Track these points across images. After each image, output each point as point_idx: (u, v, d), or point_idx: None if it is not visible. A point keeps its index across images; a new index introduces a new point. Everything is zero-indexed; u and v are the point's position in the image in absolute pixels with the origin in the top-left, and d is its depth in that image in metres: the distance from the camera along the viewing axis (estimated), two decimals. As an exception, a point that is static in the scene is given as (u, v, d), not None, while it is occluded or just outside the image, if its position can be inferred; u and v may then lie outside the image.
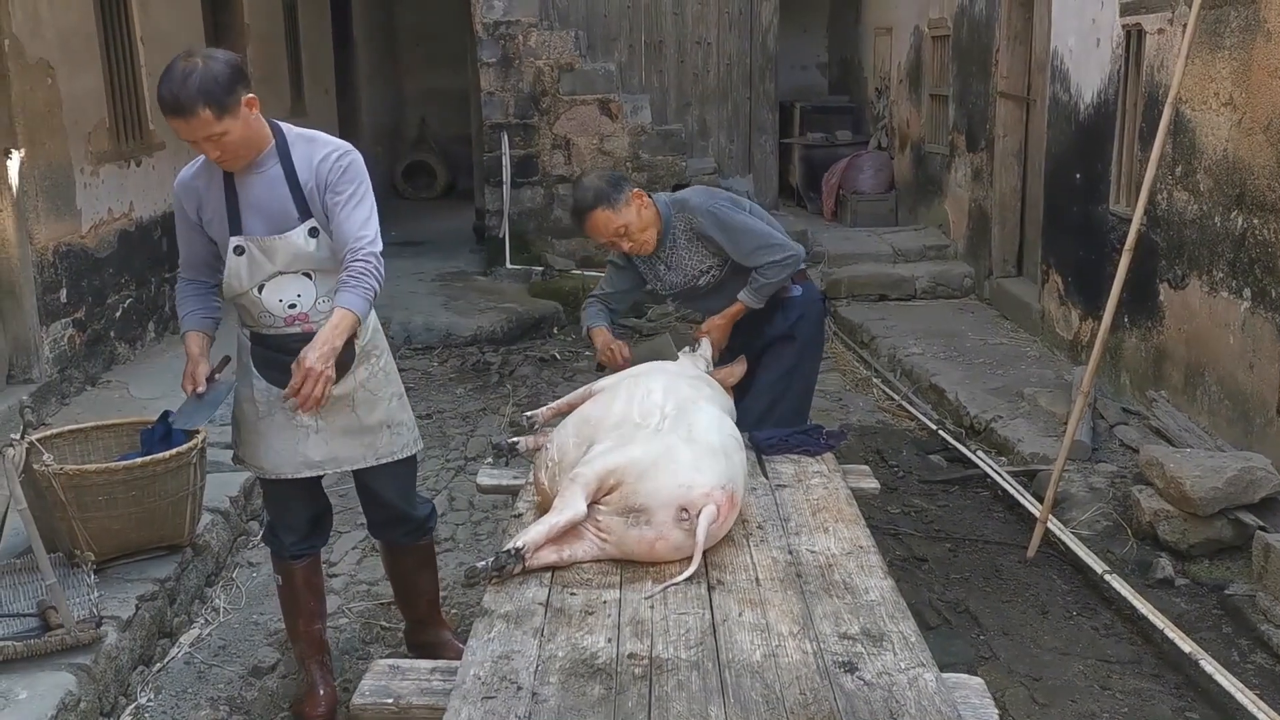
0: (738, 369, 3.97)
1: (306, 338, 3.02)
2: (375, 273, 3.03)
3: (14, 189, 5.39)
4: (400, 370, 7.65)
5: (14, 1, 5.40)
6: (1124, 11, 5.92)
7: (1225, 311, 4.98)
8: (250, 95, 2.99)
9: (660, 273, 4.17)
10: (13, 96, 5.36)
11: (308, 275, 3.15)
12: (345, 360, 3.13)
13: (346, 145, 3.19)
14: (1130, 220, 4.88)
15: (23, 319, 5.54)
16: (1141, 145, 5.74)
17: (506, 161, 9.38)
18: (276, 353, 3.20)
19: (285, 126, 3.22)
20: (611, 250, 4.18)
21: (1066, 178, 6.83)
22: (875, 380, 7.11)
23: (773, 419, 4.05)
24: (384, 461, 3.40)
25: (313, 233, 3.11)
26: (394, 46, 14.91)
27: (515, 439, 3.72)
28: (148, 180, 7.01)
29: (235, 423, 3.43)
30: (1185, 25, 4.94)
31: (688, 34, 10.80)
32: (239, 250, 3.12)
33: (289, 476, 3.32)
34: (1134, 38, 5.88)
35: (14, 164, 5.38)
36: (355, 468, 3.39)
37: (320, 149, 3.13)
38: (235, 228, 3.13)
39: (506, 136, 9.40)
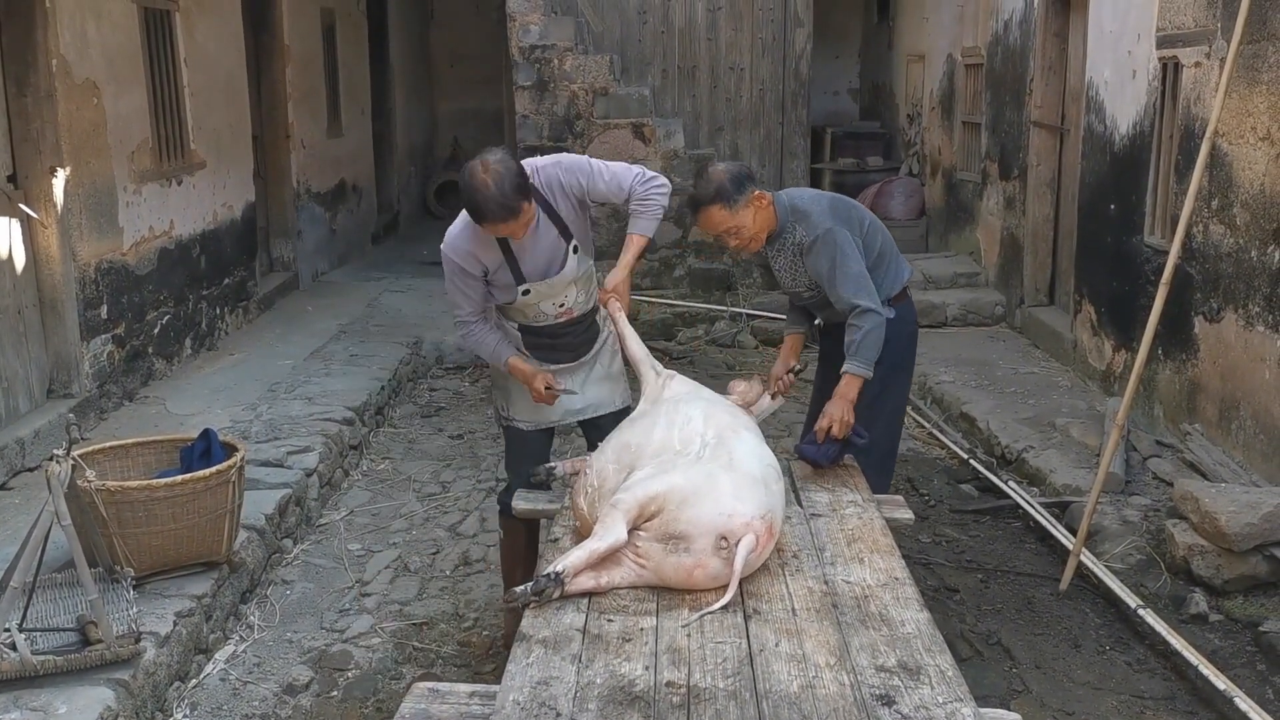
0: (755, 387, 3.99)
1: (570, 323, 3.88)
2: (656, 197, 3.72)
3: (59, 207, 5.48)
4: (431, 390, 7.76)
5: (62, 23, 5.50)
6: (1160, 44, 5.93)
7: (1261, 346, 4.96)
8: (527, 204, 3.49)
9: (774, 266, 4.11)
10: (59, 116, 5.45)
11: (574, 283, 3.80)
12: (590, 338, 3.94)
13: (534, 159, 3.76)
14: (1165, 252, 4.88)
15: (64, 334, 5.62)
16: (1177, 177, 5.73)
17: (540, 184, 9.44)
18: (546, 338, 3.90)
19: (527, 170, 3.60)
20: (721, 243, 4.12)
21: (1101, 208, 6.82)
22: (906, 407, 7.10)
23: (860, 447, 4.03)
24: (620, 407, 3.99)
25: (575, 249, 3.75)
26: (429, 68, 15.05)
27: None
28: (188, 199, 7.10)
29: (504, 389, 4.02)
30: (1223, 59, 4.95)
31: (721, 59, 10.86)
32: (526, 291, 3.74)
33: (555, 423, 3.96)
34: (1170, 70, 5.88)
35: (59, 182, 5.47)
36: (608, 411, 3.97)
37: (555, 171, 3.71)
38: (519, 279, 3.73)
39: (540, 159, 9.45)
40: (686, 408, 3.24)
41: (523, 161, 3.73)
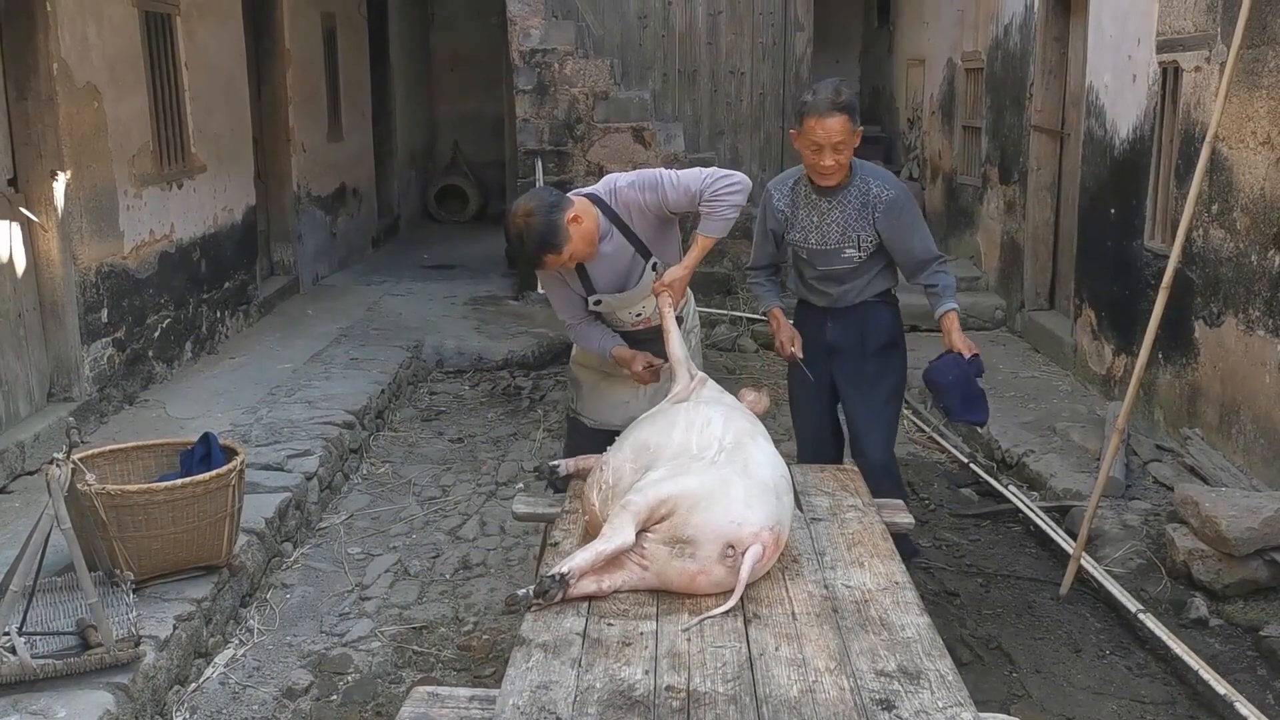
0: (764, 399, 3.98)
1: (646, 330, 3.95)
2: (727, 199, 3.67)
3: (59, 210, 5.48)
4: (431, 394, 7.75)
5: (63, 26, 5.51)
6: (1160, 49, 5.93)
7: (1261, 350, 4.96)
8: (573, 216, 3.60)
9: (813, 223, 4.06)
10: (60, 120, 5.45)
11: (652, 295, 3.87)
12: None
13: (615, 176, 3.86)
14: (1165, 256, 4.88)
15: (65, 338, 5.62)
16: (1177, 182, 5.73)
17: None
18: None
19: (605, 190, 3.81)
20: (808, 162, 3.97)
21: (1101, 212, 6.82)
22: (906, 411, 7.10)
23: (888, 433, 4.24)
24: None
25: (654, 266, 3.83)
26: (429, 72, 15.08)
27: (556, 461, 3.77)
28: (189, 202, 7.11)
29: (576, 384, 4.21)
30: (1223, 64, 4.95)
31: (721, 63, 10.89)
32: (597, 302, 3.89)
33: (618, 427, 3.81)
34: (1170, 75, 5.89)
35: (60, 186, 5.47)
36: None
37: (632, 192, 3.76)
38: (590, 290, 3.87)
39: (540, 163, 9.47)
40: (707, 410, 3.24)
41: (605, 178, 3.90)
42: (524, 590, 2.77)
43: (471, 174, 14.76)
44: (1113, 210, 6.64)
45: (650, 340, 3.98)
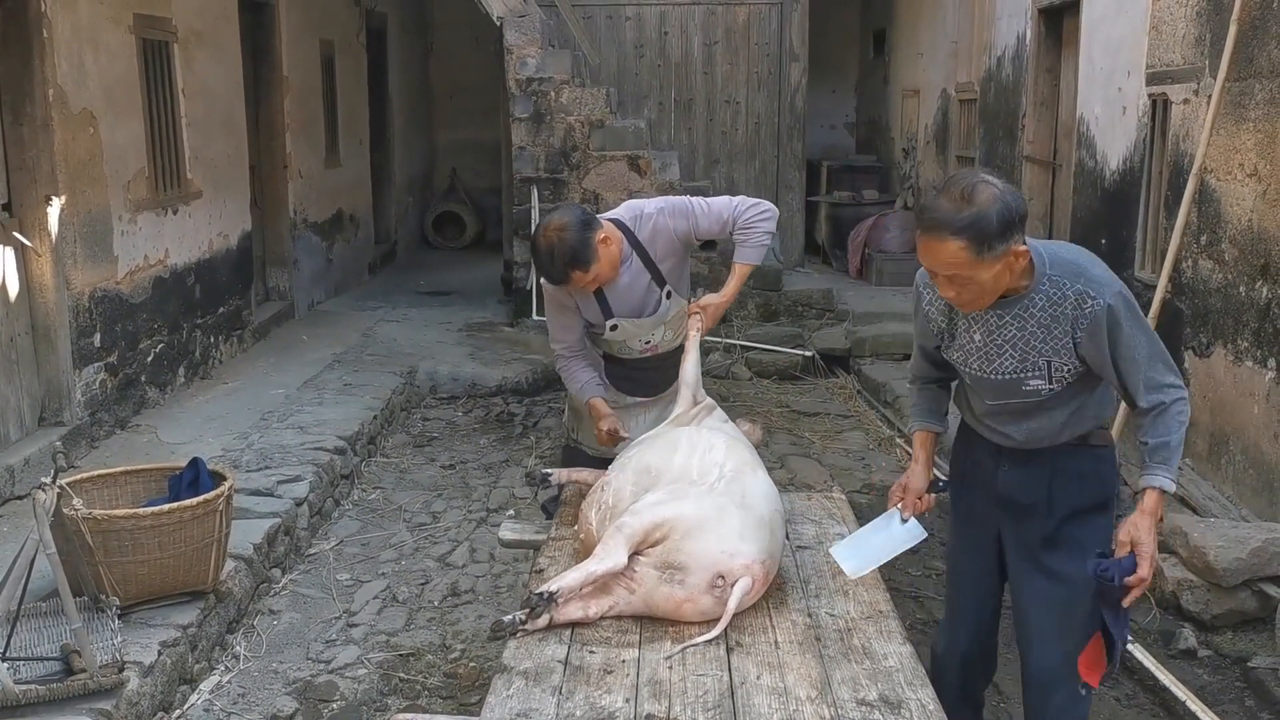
0: (756, 432, 4.00)
1: (655, 358, 3.98)
2: (759, 225, 3.80)
3: (53, 235, 5.50)
4: (424, 420, 7.74)
5: (60, 53, 5.54)
6: (1150, 81, 5.98)
7: (1250, 381, 4.98)
8: (603, 237, 3.65)
9: (974, 343, 2.78)
10: (55, 145, 5.47)
11: (664, 324, 3.92)
12: (672, 376, 3.87)
13: (641, 203, 3.91)
14: (1155, 287, 4.91)
15: (56, 362, 5.63)
16: (1167, 213, 5.77)
17: (536, 215, 9.47)
18: (629, 369, 4.03)
19: (629, 215, 3.85)
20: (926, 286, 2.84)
21: (1092, 243, 6.85)
22: (899, 440, 7.11)
23: (1074, 637, 2.85)
24: None
25: (668, 295, 3.88)
26: (428, 99, 15.14)
27: (549, 471, 3.79)
28: (183, 228, 7.13)
29: (576, 412, 4.19)
30: (1210, 97, 5.00)
31: (717, 93, 10.97)
32: (614, 327, 3.87)
33: (617, 454, 3.76)
34: (1159, 107, 5.93)
35: (54, 211, 5.49)
36: None
37: (662, 219, 3.80)
38: (608, 314, 3.85)
39: (536, 190, 9.51)
40: (710, 435, 3.26)
41: (628, 204, 3.92)
42: (510, 615, 2.77)
43: (469, 200, 14.80)
44: (1104, 240, 6.67)
45: (656, 368, 3.99)
